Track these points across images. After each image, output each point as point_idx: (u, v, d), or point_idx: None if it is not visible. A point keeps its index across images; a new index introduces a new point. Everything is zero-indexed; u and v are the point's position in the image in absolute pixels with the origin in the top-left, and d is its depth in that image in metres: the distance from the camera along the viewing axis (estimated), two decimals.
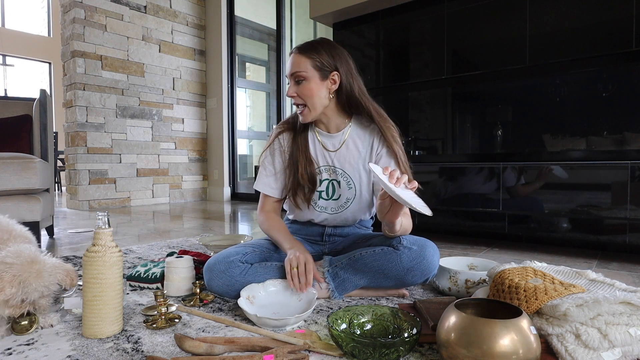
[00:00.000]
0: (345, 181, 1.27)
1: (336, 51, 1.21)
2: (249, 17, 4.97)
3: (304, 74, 1.17)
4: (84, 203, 3.92)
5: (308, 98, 1.19)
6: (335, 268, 1.19)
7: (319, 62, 1.18)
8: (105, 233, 0.95)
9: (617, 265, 1.68)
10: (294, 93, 1.20)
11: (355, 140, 1.27)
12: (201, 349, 0.83)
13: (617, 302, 0.74)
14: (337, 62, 1.19)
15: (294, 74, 1.19)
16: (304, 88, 1.18)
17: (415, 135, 2.57)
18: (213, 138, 4.90)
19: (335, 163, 1.27)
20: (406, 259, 1.12)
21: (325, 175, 1.29)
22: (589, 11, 1.90)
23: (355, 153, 1.26)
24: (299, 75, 1.18)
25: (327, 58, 1.18)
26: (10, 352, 0.87)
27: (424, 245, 1.14)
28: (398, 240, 1.14)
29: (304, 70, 1.17)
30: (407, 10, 2.48)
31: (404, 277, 1.14)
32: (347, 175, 1.26)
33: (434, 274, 1.18)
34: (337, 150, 1.27)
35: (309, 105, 1.20)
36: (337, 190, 1.28)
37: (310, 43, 1.20)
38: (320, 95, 1.19)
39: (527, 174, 1.98)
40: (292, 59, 1.20)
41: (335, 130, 1.28)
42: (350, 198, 1.28)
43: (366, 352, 0.78)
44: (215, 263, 1.16)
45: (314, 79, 1.18)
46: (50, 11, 9.10)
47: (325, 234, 1.38)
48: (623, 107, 1.86)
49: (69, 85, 3.98)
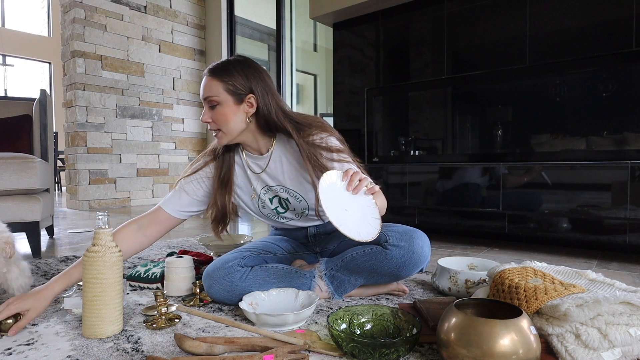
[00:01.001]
0: (292, 195, 1.22)
1: (251, 71, 1.13)
2: (249, 17, 4.98)
3: (217, 99, 1.11)
4: (84, 203, 3.92)
5: (223, 124, 1.13)
6: (332, 270, 1.19)
7: (231, 86, 1.11)
8: (105, 233, 0.95)
9: (617, 265, 1.68)
10: (208, 118, 1.13)
11: (285, 156, 1.20)
12: (201, 349, 0.83)
13: (617, 302, 0.74)
14: (252, 84, 1.12)
15: (206, 99, 1.12)
16: (218, 113, 1.12)
17: (415, 135, 2.57)
18: (213, 138, 4.89)
19: (269, 182, 1.22)
20: (396, 256, 1.11)
21: (269, 195, 1.24)
22: (589, 11, 1.90)
23: (288, 167, 1.20)
24: (212, 100, 1.11)
25: (241, 80, 1.11)
26: (10, 352, 0.87)
27: (411, 239, 1.11)
28: (385, 239, 1.12)
29: (215, 94, 1.10)
30: (407, 10, 2.48)
31: (398, 273, 1.14)
32: (291, 190, 1.21)
33: (428, 262, 1.17)
34: (265, 171, 1.21)
35: (224, 130, 1.14)
36: (290, 204, 1.24)
37: (222, 64, 1.13)
38: (237, 120, 1.13)
39: (527, 173, 1.98)
40: (204, 83, 1.13)
41: (265, 150, 1.21)
42: (305, 208, 1.23)
43: (366, 352, 0.78)
44: (214, 270, 1.14)
45: (227, 104, 1.11)
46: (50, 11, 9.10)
47: (310, 235, 1.36)
48: (623, 107, 1.86)
49: (69, 85, 3.98)
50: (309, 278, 1.19)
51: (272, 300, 1.10)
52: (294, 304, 1.09)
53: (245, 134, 1.17)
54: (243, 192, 1.28)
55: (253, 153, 1.23)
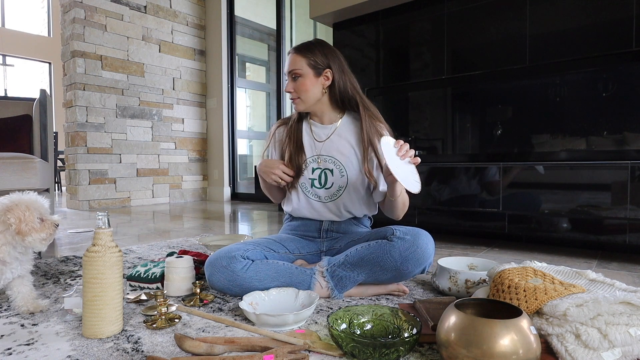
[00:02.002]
0: (338, 169, 1.34)
1: (329, 50, 1.32)
2: (249, 17, 4.98)
3: (300, 71, 1.29)
4: (84, 203, 3.92)
5: (302, 92, 1.31)
6: (334, 267, 1.20)
7: (313, 61, 1.30)
8: (105, 233, 0.95)
9: (617, 265, 1.68)
10: (291, 89, 1.33)
11: (345, 132, 1.36)
12: (201, 349, 0.83)
13: (617, 302, 0.74)
14: (330, 61, 1.31)
15: (291, 72, 1.31)
16: (300, 84, 1.30)
17: (415, 135, 2.57)
18: (213, 138, 4.90)
19: (322, 151, 1.35)
20: (400, 248, 1.15)
21: (314, 165, 1.36)
22: (589, 11, 1.90)
23: (345, 143, 1.34)
24: (295, 72, 1.30)
25: (321, 57, 1.30)
26: (10, 352, 0.87)
27: (417, 235, 1.17)
28: (391, 232, 1.19)
29: (299, 67, 1.29)
30: (407, 10, 2.48)
31: (400, 268, 1.16)
32: (338, 163, 1.34)
33: (430, 263, 1.20)
34: (326, 140, 1.36)
35: (302, 97, 1.32)
36: (329, 179, 1.35)
37: (305, 43, 1.33)
38: (314, 90, 1.31)
39: (527, 173, 1.97)
40: (290, 58, 1.32)
41: (328, 122, 1.38)
42: (342, 186, 1.34)
43: (366, 352, 0.78)
44: (217, 258, 1.18)
45: (308, 76, 1.30)
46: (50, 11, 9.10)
47: (323, 229, 1.39)
48: (623, 107, 1.86)
49: (69, 85, 3.98)
50: (309, 275, 1.20)
51: (272, 300, 1.10)
52: (294, 304, 1.09)
53: (318, 104, 1.34)
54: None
55: (317, 122, 1.39)
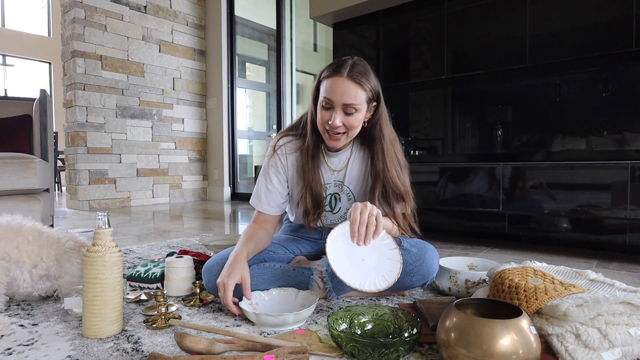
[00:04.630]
0: (346, 194, 1.26)
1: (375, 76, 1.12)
2: (249, 17, 4.97)
3: (358, 107, 1.08)
4: (84, 203, 3.92)
5: (352, 129, 1.11)
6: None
7: (370, 93, 1.10)
8: (105, 233, 0.95)
9: (617, 265, 1.68)
10: (340, 123, 1.09)
11: (357, 160, 1.25)
12: (201, 345, 0.83)
13: (617, 302, 0.74)
14: (379, 90, 1.13)
15: (347, 105, 1.07)
16: (354, 120, 1.09)
17: (415, 135, 2.57)
18: (213, 138, 4.90)
19: (336, 179, 1.25)
20: (406, 261, 1.11)
21: (331, 190, 1.26)
22: (589, 11, 1.90)
23: (356, 171, 1.24)
24: (353, 107, 1.08)
25: (375, 86, 1.11)
26: (10, 352, 0.87)
27: (423, 249, 1.14)
28: (398, 242, 1.14)
29: (358, 103, 1.08)
30: (407, 10, 2.48)
31: (403, 280, 1.13)
32: (348, 190, 1.26)
33: (433, 278, 1.18)
34: (342, 170, 1.24)
35: (350, 134, 1.13)
36: (337, 204, 1.28)
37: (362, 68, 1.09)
38: (359, 126, 1.13)
39: (527, 174, 1.97)
40: (344, 87, 1.07)
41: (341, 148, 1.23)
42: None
43: (366, 352, 0.78)
44: (213, 264, 1.15)
45: (363, 111, 1.11)
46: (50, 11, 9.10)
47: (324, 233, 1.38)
48: (623, 107, 1.86)
49: (69, 85, 3.98)
50: (307, 276, 1.19)
51: (272, 299, 1.10)
52: (294, 304, 1.09)
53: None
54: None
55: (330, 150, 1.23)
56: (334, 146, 1.15)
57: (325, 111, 1.10)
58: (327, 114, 1.10)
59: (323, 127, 1.13)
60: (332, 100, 1.08)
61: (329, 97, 1.08)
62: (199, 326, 0.90)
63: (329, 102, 1.09)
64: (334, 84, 1.08)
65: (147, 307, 1.12)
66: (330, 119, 1.09)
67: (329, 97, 1.08)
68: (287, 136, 1.26)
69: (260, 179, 1.27)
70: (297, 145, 1.24)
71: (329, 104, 1.09)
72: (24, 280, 1.13)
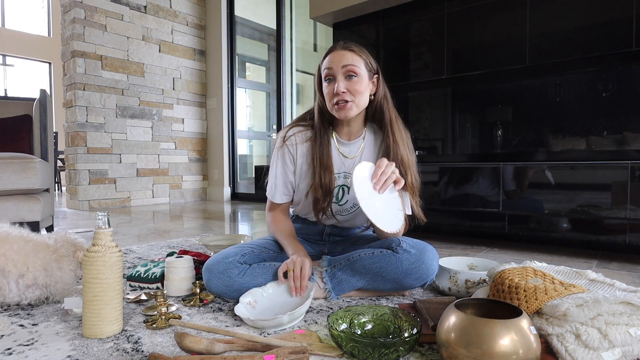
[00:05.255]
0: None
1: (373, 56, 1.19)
2: (249, 17, 4.98)
3: (357, 70, 1.12)
4: (84, 203, 3.92)
5: (357, 95, 1.13)
6: (334, 268, 1.19)
7: (368, 62, 1.14)
8: (105, 233, 0.95)
9: (617, 265, 1.68)
10: (344, 88, 1.11)
11: (369, 148, 1.26)
12: (201, 345, 0.83)
13: (617, 302, 0.74)
14: (378, 66, 1.17)
15: (346, 66, 1.11)
16: (356, 84, 1.12)
17: (415, 135, 2.57)
18: (213, 138, 4.90)
19: (347, 169, 1.26)
20: (405, 262, 1.11)
21: (340, 182, 1.26)
22: (589, 11, 1.90)
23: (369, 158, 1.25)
24: (352, 69, 1.11)
25: (372, 60, 1.16)
26: (10, 352, 0.87)
27: (423, 250, 1.14)
28: (397, 243, 1.14)
29: (357, 65, 1.12)
30: (407, 10, 2.48)
31: (402, 281, 1.13)
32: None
33: (432, 279, 1.18)
34: (354, 157, 1.25)
35: (357, 101, 1.14)
36: (345, 195, 1.27)
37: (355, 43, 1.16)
38: (365, 96, 1.16)
39: (527, 173, 1.97)
40: (339, 54, 1.12)
41: (353, 137, 1.26)
42: (357, 203, 1.25)
43: (366, 352, 0.78)
44: (213, 264, 1.16)
45: (363, 78, 1.13)
46: (50, 11, 9.10)
47: (325, 233, 1.38)
48: (623, 107, 1.86)
49: (69, 85, 3.98)
50: None
51: (270, 296, 1.11)
52: (293, 300, 1.10)
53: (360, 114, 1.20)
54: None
55: (342, 138, 1.25)
56: (345, 116, 1.15)
57: (329, 84, 1.15)
58: (331, 85, 1.14)
59: (331, 102, 1.15)
60: (332, 67, 1.13)
61: (329, 66, 1.14)
62: (199, 326, 0.90)
63: (329, 72, 1.14)
64: (331, 56, 1.14)
65: (147, 307, 1.12)
66: (334, 89, 1.13)
67: (329, 66, 1.14)
68: (298, 126, 1.27)
69: (271, 170, 1.29)
70: (308, 136, 1.25)
71: (331, 74, 1.14)
72: (9, 290, 1.10)
